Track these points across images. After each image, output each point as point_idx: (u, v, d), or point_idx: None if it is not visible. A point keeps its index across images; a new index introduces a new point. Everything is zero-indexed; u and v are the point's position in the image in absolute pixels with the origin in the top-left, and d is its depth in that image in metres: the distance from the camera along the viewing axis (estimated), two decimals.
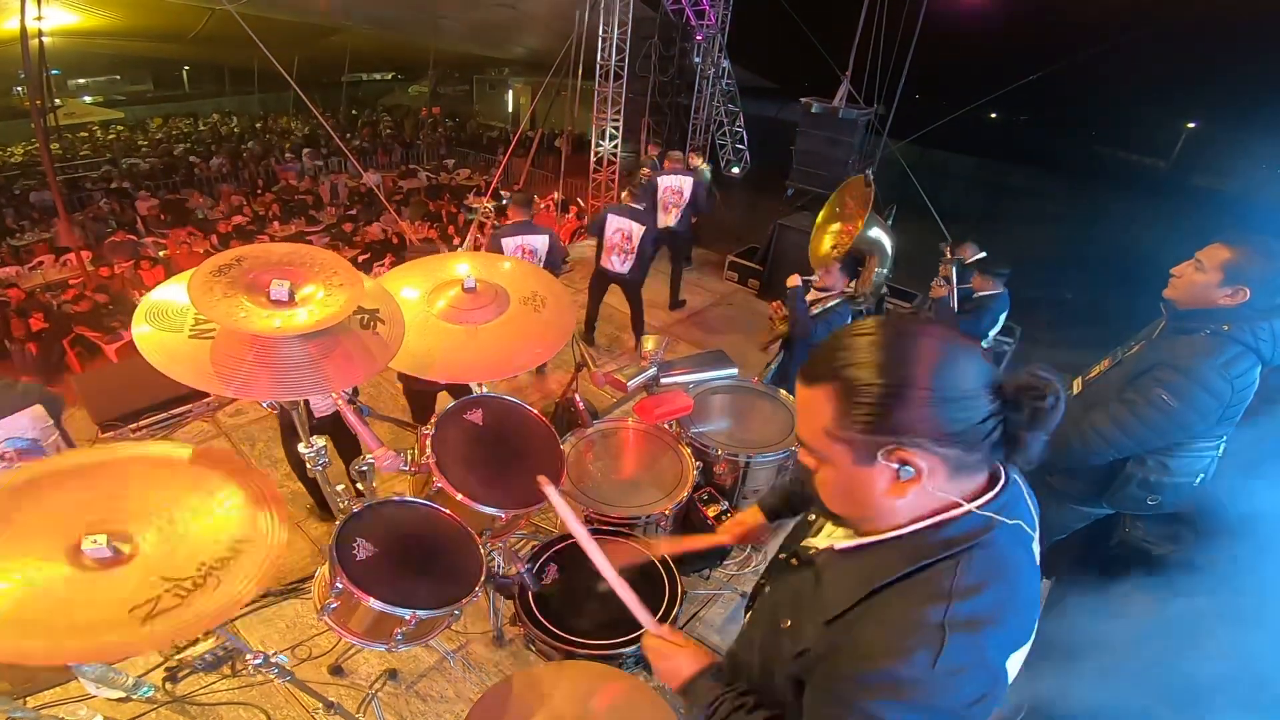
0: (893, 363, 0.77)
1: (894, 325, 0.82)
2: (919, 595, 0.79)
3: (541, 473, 2.15)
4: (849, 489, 0.86)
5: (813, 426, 0.84)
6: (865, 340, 0.81)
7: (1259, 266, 1.89)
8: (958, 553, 0.80)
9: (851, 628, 0.83)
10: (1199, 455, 2.11)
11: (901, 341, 0.79)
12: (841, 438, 0.81)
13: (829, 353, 0.83)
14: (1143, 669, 2.75)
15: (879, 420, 0.77)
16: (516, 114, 19.87)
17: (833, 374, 0.80)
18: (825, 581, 0.91)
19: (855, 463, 0.82)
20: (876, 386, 0.77)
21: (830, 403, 0.80)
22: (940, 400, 0.76)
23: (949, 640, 0.75)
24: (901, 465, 0.78)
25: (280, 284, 1.50)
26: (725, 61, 10.88)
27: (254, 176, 14.27)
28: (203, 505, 1.46)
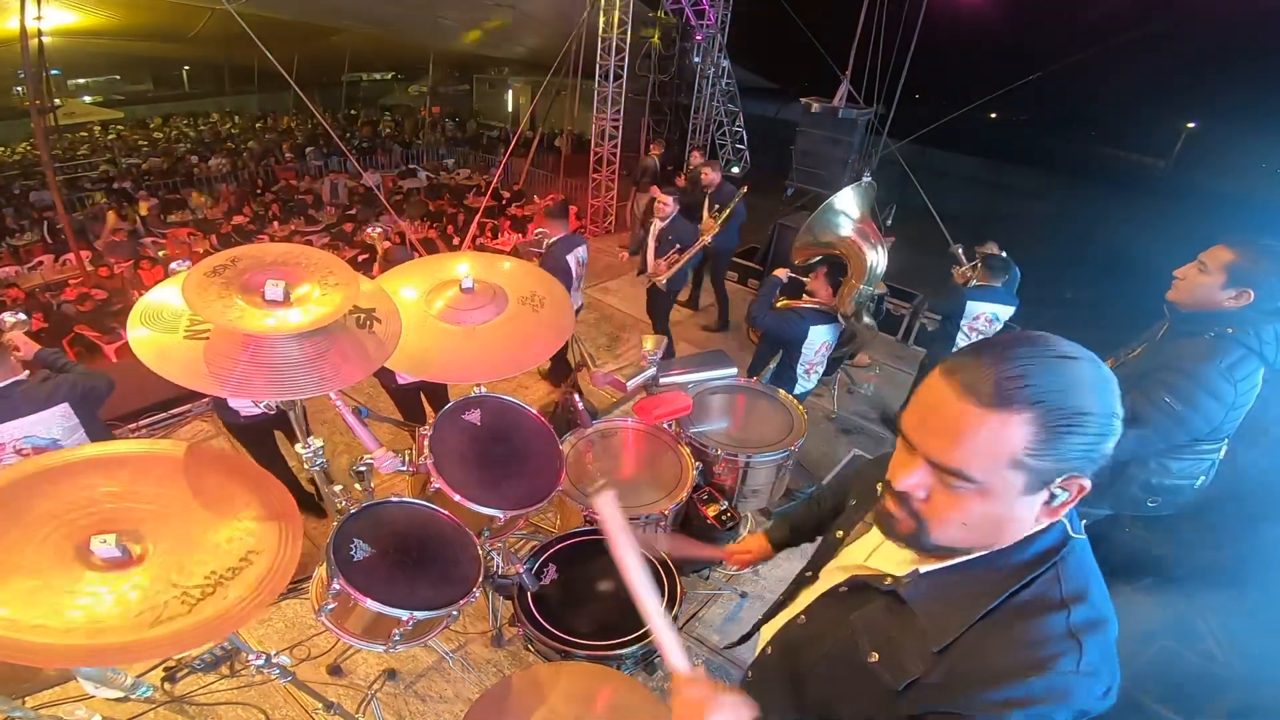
0: (1085, 387, 0.74)
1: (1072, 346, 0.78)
2: (1036, 609, 0.81)
3: (541, 472, 2.16)
4: (998, 518, 0.81)
5: (991, 453, 0.76)
6: (1056, 356, 0.76)
7: (1263, 268, 1.89)
8: (1054, 563, 0.83)
9: (971, 651, 0.82)
10: (1200, 458, 2.11)
11: (1095, 367, 0.76)
12: (1030, 465, 0.75)
13: (1030, 374, 0.74)
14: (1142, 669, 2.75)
15: (1079, 448, 0.74)
16: (516, 114, 19.86)
17: (1036, 396, 0.73)
18: (918, 609, 0.88)
19: (1025, 491, 0.77)
20: (1091, 418, 0.74)
21: (1030, 428, 0.73)
22: (1113, 430, 0.76)
23: (1085, 643, 0.78)
24: (1065, 490, 0.78)
25: (275, 284, 1.49)
26: (725, 61, 10.88)
27: (254, 176, 14.27)
28: (217, 512, 1.45)
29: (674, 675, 0.99)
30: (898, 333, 6.08)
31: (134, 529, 1.35)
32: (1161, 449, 2.07)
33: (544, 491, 2.11)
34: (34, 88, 8.89)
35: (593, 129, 9.22)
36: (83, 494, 1.39)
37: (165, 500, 1.43)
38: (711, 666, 2.73)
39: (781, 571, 3.12)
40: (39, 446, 2.29)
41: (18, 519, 1.30)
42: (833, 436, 4.46)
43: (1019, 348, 0.77)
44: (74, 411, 2.38)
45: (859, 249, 3.16)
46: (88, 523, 1.33)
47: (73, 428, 2.38)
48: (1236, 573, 3.19)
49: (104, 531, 1.29)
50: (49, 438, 2.32)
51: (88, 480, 1.42)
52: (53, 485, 1.39)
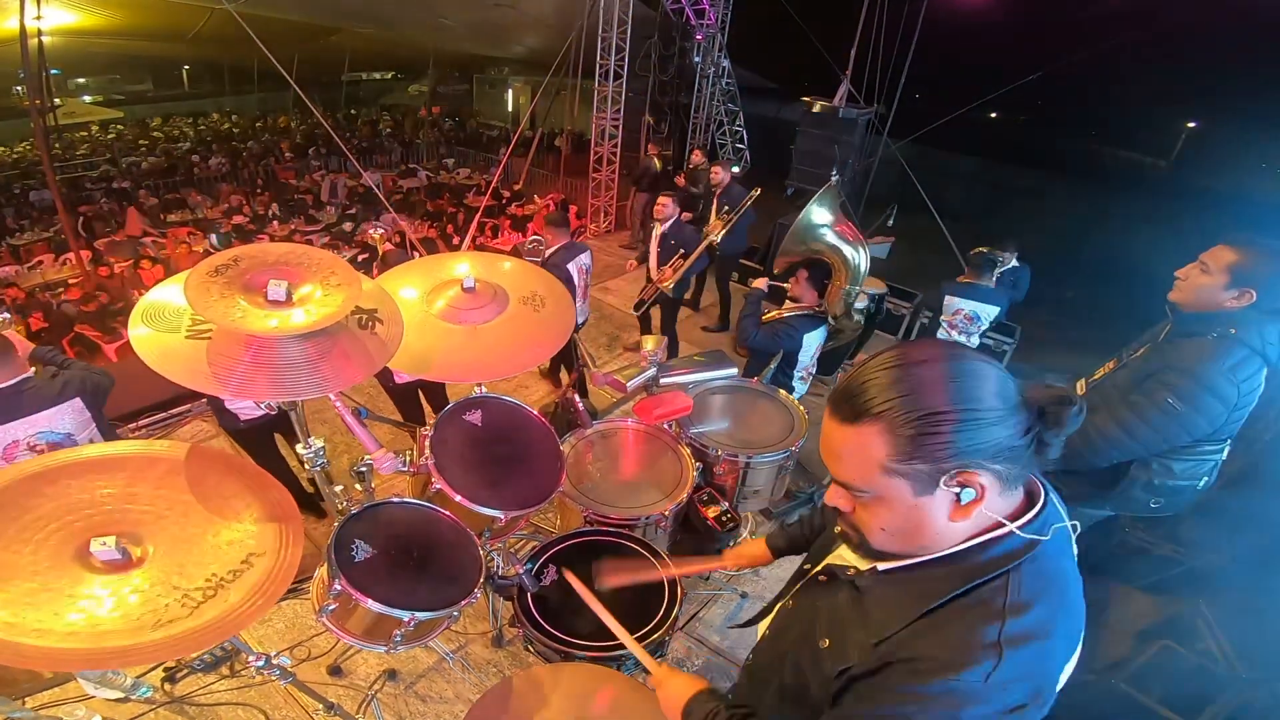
0: (957, 390, 0.77)
1: (929, 350, 0.81)
2: (974, 615, 0.82)
3: (541, 473, 2.16)
4: (908, 523, 0.85)
5: (864, 465, 0.82)
6: (910, 364, 0.80)
7: (1265, 269, 1.88)
8: (1007, 570, 0.83)
9: (902, 646, 0.84)
10: (1203, 459, 2.11)
11: (943, 360, 0.80)
12: (902, 470, 0.80)
13: (870, 388, 0.80)
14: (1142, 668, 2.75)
15: (949, 446, 0.77)
16: (516, 113, 19.86)
17: (886, 408, 0.78)
18: (870, 602, 0.91)
19: (916, 494, 0.81)
20: (938, 414, 0.76)
21: (886, 437, 0.79)
22: (996, 419, 0.78)
23: (1005, 656, 0.78)
24: (963, 488, 0.80)
25: (278, 284, 1.49)
26: (725, 61, 10.87)
27: (254, 176, 14.26)
28: (218, 514, 1.45)
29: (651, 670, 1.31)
30: (898, 333, 6.07)
31: (134, 531, 1.35)
32: (1164, 450, 2.07)
33: (544, 492, 2.11)
34: (34, 88, 8.89)
35: (593, 129, 9.21)
36: (82, 495, 1.39)
37: (165, 502, 1.43)
38: (712, 666, 2.73)
39: (782, 571, 3.10)
40: (53, 442, 2.29)
41: (17, 521, 1.30)
42: None
43: (870, 362, 0.83)
44: (86, 406, 2.39)
45: (841, 251, 3.18)
46: (87, 525, 1.33)
47: (85, 422, 2.39)
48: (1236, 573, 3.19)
49: (104, 533, 1.28)
50: (62, 432, 2.33)
51: (87, 482, 1.42)
52: (52, 487, 1.38)
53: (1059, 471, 2.30)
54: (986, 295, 3.97)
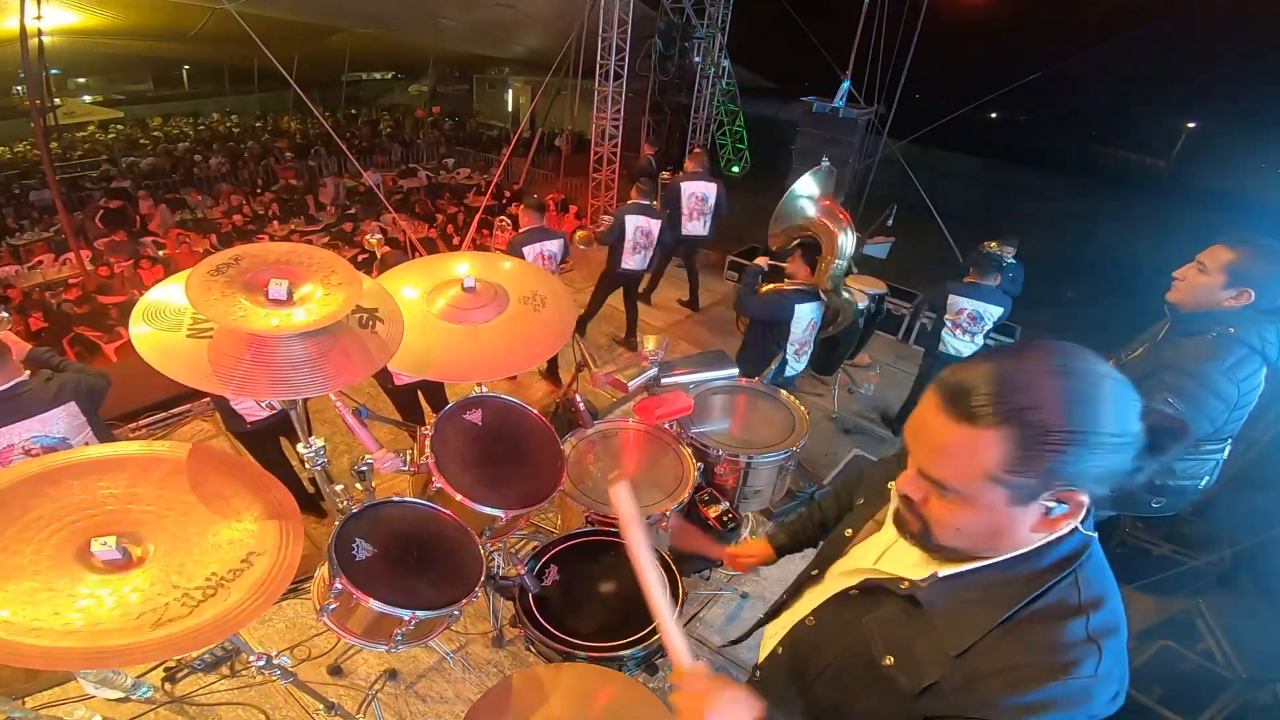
0: (1078, 401, 0.72)
1: (1067, 354, 0.76)
2: (1056, 616, 0.81)
3: (542, 472, 2.15)
4: (989, 527, 0.82)
5: (968, 468, 0.77)
6: (1043, 370, 0.74)
7: (1262, 268, 1.89)
8: (1074, 570, 0.83)
9: (989, 656, 0.82)
10: (1204, 458, 2.11)
11: (1081, 374, 0.74)
12: (1008, 482, 0.76)
13: (997, 381, 0.74)
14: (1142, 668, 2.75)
15: (1064, 466, 0.73)
16: (516, 113, 19.86)
17: (1010, 412, 0.73)
18: (935, 613, 0.88)
19: (1009, 503, 0.78)
20: (1069, 435, 0.72)
21: (1003, 446, 0.74)
22: (1123, 446, 0.74)
23: (1104, 648, 0.79)
24: (1059, 504, 0.78)
25: (279, 283, 1.49)
26: (725, 61, 10.87)
27: (254, 176, 14.26)
28: (218, 513, 1.45)
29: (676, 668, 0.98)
30: (898, 333, 6.07)
31: (134, 531, 1.35)
32: None
33: (545, 492, 2.11)
34: (34, 88, 8.89)
35: (593, 129, 9.21)
36: (83, 496, 1.39)
37: (166, 501, 1.43)
38: (713, 666, 2.73)
39: (782, 572, 3.10)
40: (48, 446, 2.28)
41: (17, 520, 1.30)
42: (833, 437, 4.46)
43: (1005, 361, 0.77)
44: (80, 410, 2.38)
45: (827, 227, 3.41)
46: (88, 524, 1.33)
47: (79, 426, 2.38)
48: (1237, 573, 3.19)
49: (104, 533, 1.28)
50: (57, 436, 2.32)
51: (88, 482, 1.42)
52: (53, 487, 1.38)
53: None
54: (991, 295, 3.97)
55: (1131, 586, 3.10)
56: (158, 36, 14.36)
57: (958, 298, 4.02)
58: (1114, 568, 0.89)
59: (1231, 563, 3.20)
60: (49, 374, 2.37)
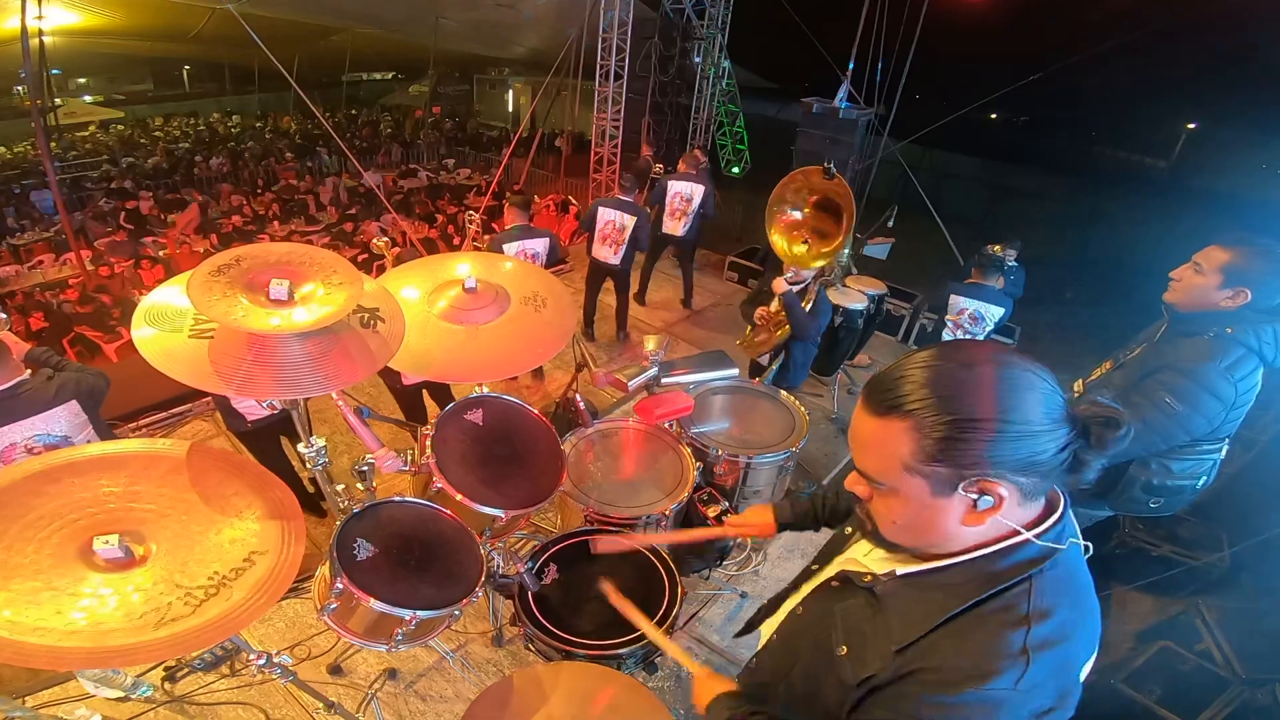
0: (983, 391, 0.76)
1: (976, 352, 0.80)
2: (998, 621, 0.81)
3: (542, 472, 2.16)
4: (920, 520, 0.85)
5: (886, 459, 0.82)
6: (949, 363, 0.78)
7: (1258, 268, 1.89)
8: (1029, 576, 0.82)
9: (926, 654, 0.83)
10: (1202, 458, 2.11)
11: (989, 365, 0.77)
12: (922, 471, 0.79)
13: (905, 384, 0.79)
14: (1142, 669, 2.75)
15: (971, 454, 0.76)
16: (517, 114, 19.87)
17: (918, 407, 0.77)
18: (890, 608, 0.90)
19: (933, 495, 0.81)
20: (972, 422, 0.75)
21: (911, 435, 0.78)
22: (1033, 433, 0.76)
23: (1033, 662, 0.77)
24: (981, 495, 0.79)
25: (280, 283, 1.50)
26: (725, 61, 10.88)
27: (254, 176, 14.26)
28: (220, 512, 1.45)
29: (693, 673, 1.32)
30: (898, 333, 6.08)
31: (136, 529, 1.35)
32: (1162, 450, 2.07)
33: (545, 491, 2.11)
34: (34, 88, 8.89)
35: (593, 129, 9.22)
36: (85, 494, 1.39)
37: (168, 500, 1.43)
38: (712, 665, 2.72)
39: (781, 572, 3.12)
40: (50, 444, 2.29)
41: (20, 519, 1.30)
42: (833, 437, 4.46)
43: (916, 357, 0.81)
44: (82, 408, 2.38)
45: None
46: (90, 523, 1.33)
47: (81, 424, 2.39)
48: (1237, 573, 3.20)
49: (106, 532, 1.28)
50: (59, 435, 2.32)
51: (90, 480, 1.42)
52: (55, 485, 1.39)
53: None
54: (992, 296, 3.97)
55: (1131, 586, 3.10)
56: (158, 36, 14.37)
57: (959, 298, 4.02)
58: (1114, 568, 0.89)
59: (1231, 563, 3.21)
60: (49, 373, 2.38)
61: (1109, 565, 3.14)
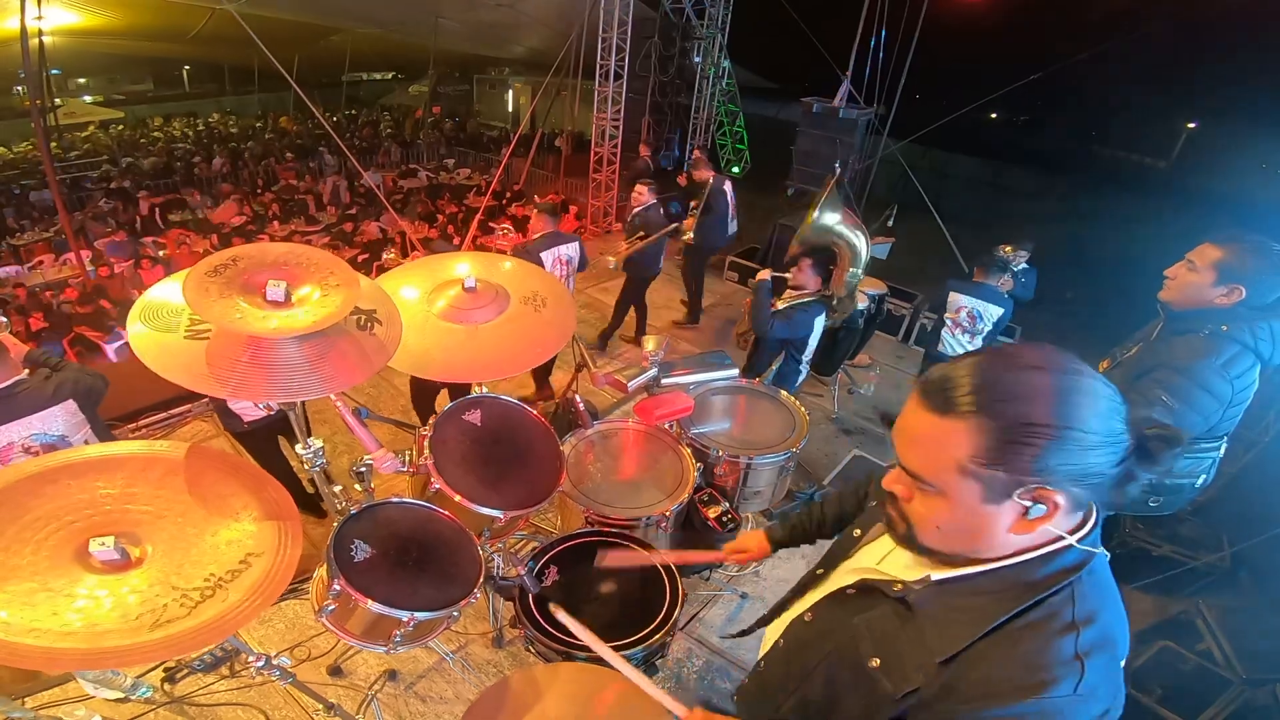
0: (1050, 396, 0.74)
1: (1044, 353, 0.78)
2: (1047, 629, 0.79)
3: (541, 473, 2.16)
4: (966, 525, 0.82)
5: (940, 459, 0.79)
6: (1017, 367, 0.76)
7: (1252, 265, 1.89)
8: (1071, 583, 0.81)
9: (973, 665, 0.81)
10: (1200, 457, 2.11)
11: (1056, 371, 0.75)
12: (979, 474, 0.77)
13: (973, 374, 0.77)
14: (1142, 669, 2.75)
15: (1034, 460, 0.74)
16: (516, 114, 19.86)
17: (981, 403, 0.75)
18: (925, 618, 0.87)
19: (985, 500, 0.78)
20: (1039, 427, 0.73)
21: (974, 437, 0.75)
22: (1098, 445, 0.74)
23: (1087, 667, 0.76)
24: (1035, 503, 0.77)
25: (276, 284, 1.49)
26: (725, 61, 10.87)
27: (254, 176, 14.26)
28: (216, 514, 1.45)
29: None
30: (898, 333, 6.07)
31: (133, 531, 1.35)
32: None
33: (544, 492, 2.10)
34: (34, 88, 8.89)
35: (593, 129, 9.21)
36: (81, 496, 1.39)
37: (164, 502, 1.43)
38: (712, 667, 2.73)
39: (782, 572, 3.12)
40: (47, 444, 2.29)
41: (16, 521, 1.30)
42: (833, 437, 4.46)
43: (981, 357, 0.79)
44: (79, 408, 2.38)
45: (848, 238, 3.37)
46: (86, 525, 1.33)
47: (78, 424, 2.38)
48: (1237, 573, 3.19)
49: (103, 534, 1.28)
50: (56, 434, 2.32)
51: (87, 482, 1.42)
52: (51, 487, 1.38)
53: None
54: (991, 295, 3.95)
55: (1131, 586, 3.10)
56: (158, 36, 14.36)
57: (957, 295, 4.01)
58: (1114, 568, 0.89)
59: (1231, 563, 3.20)
60: (47, 373, 2.38)
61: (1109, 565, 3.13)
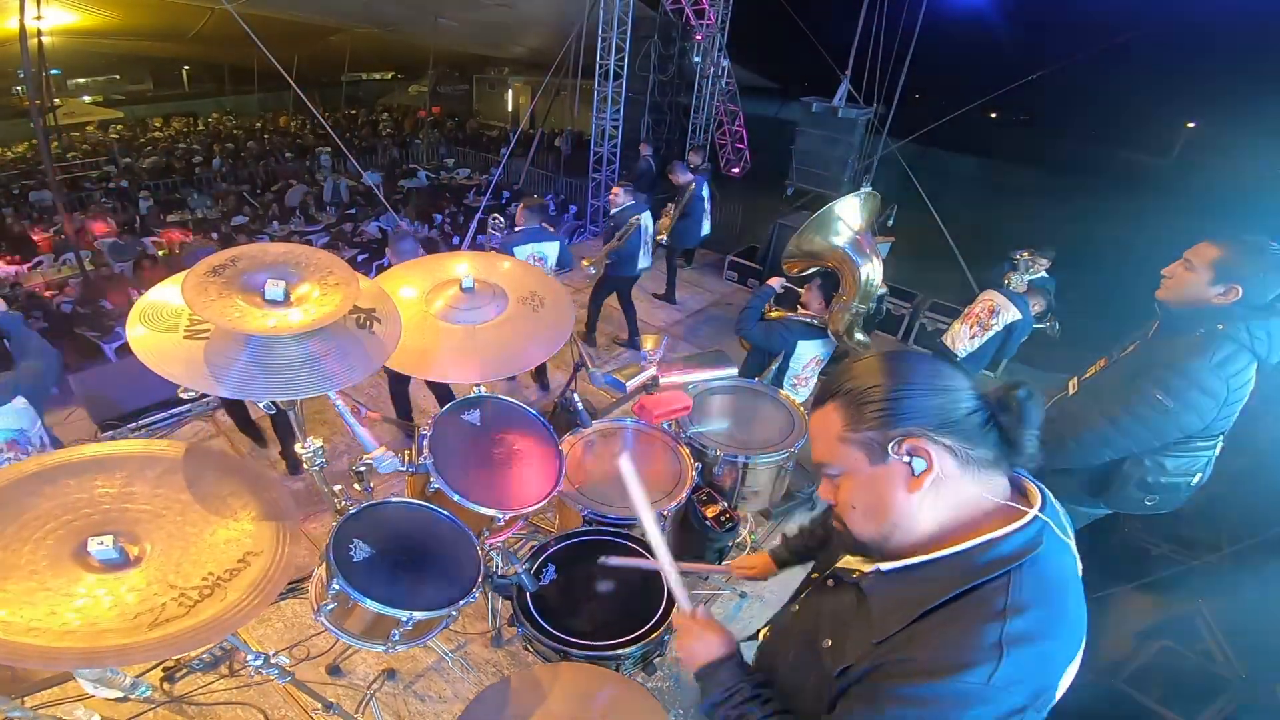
0: (888, 370, 0.90)
1: (883, 351, 0.97)
2: (974, 615, 0.82)
3: (540, 472, 2.15)
4: (870, 494, 0.91)
5: (828, 441, 0.94)
6: (864, 360, 0.95)
7: (1249, 263, 1.89)
8: (1009, 571, 0.83)
9: (902, 647, 0.85)
10: (1196, 455, 2.10)
11: (894, 355, 0.93)
12: (853, 439, 0.90)
13: (835, 378, 0.96)
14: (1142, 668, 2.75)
15: (885, 414, 0.87)
16: (516, 113, 19.86)
17: (839, 389, 0.93)
18: (872, 603, 0.93)
19: (871, 463, 0.89)
20: (878, 388, 0.88)
21: (839, 412, 0.92)
22: (930, 391, 0.87)
23: (1006, 657, 0.78)
24: (913, 457, 0.86)
25: (275, 284, 1.49)
26: (725, 61, 10.87)
27: (254, 176, 14.27)
28: (215, 513, 1.45)
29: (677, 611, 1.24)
30: (898, 333, 6.07)
31: (131, 530, 1.35)
32: (1156, 447, 2.07)
33: (543, 492, 2.10)
34: (34, 88, 8.89)
35: (593, 129, 9.21)
36: (80, 495, 1.39)
37: (163, 501, 1.43)
38: None
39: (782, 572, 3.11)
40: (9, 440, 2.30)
41: (15, 520, 1.30)
42: None
43: (842, 364, 0.98)
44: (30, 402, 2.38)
45: (851, 263, 3.01)
46: (84, 524, 1.33)
47: (33, 418, 2.39)
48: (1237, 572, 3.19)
49: (101, 533, 1.28)
50: (16, 428, 2.33)
51: (85, 481, 1.42)
52: (50, 486, 1.38)
53: (1053, 471, 2.30)
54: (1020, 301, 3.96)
55: (1131, 586, 3.09)
56: (158, 36, 14.38)
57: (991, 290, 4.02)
58: (1114, 567, 0.89)
59: (1231, 563, 3.20)
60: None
61: (1109, 565, 3.13)
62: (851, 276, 3.04)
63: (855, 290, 3.04)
